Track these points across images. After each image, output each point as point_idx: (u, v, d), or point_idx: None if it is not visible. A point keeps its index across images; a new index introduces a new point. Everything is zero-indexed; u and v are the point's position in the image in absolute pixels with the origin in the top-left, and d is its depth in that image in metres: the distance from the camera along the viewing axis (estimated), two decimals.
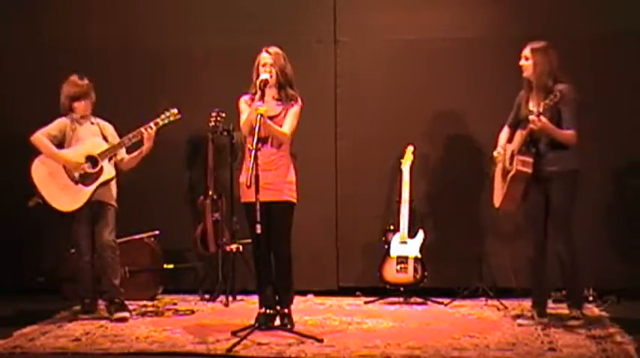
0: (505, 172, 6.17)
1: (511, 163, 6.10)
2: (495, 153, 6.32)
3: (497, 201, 6.30)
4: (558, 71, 6.02)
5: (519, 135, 6.10)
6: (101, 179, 6.48)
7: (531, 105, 6.06)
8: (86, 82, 6.59)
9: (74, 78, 6.59)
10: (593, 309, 6.67)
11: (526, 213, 6.22)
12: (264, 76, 5.84)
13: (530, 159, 6.02)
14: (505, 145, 6.25)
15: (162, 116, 6.56)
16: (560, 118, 5.95)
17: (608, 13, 7.19)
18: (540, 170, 6.02)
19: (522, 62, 6.11)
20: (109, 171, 6.51)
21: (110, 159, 6.56)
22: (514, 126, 6.24)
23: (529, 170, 6.01)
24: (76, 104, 6.56)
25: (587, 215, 6.82)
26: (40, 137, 6.48)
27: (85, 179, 6.47)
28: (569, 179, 6.02)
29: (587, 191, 6.45)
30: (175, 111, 6.58)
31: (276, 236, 5.92)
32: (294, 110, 5.93)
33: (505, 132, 6.34)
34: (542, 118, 5.85)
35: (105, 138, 6.59)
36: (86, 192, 6.46)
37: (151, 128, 6.49)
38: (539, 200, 6.10)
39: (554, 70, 6.01)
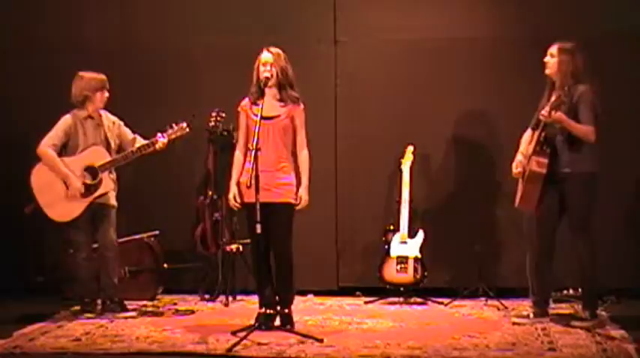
0: (524, 173, 6.15)
1: (528, 164, 6.09)
2: (514, 167, 6.22)
3: (517, 201, 6.27)
4: (582, 74, 6.00)
5: (534, 135, 6.09)
6: (99, 192, 6.47)
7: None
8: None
9: (88, 72, 6.58)
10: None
11: (537, 212, 6.16)
12: (266, 74, 5.84)
13: (544, 160, 5.98)
14: (526, 149, 6.20)
15: (170, 131, 6.54)
16: (577, 117, 5.93)
17: (608, 13, 7.19)
18: (555, 172, 5.99)
19: (547, 59, 6.08)
20: (107, 183, 6.50)
21: (110, 171, 6.55)
22: (536, 128, 6.18)
23: (543, 170, 5.98)
24: (98, 94, 6.53)
25: None
26: (47, 152, 6.43)
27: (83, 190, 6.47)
28: (584, 181, 5.99)
29: None
30: (184, 125, 6.56)
31: (278, 237, 5.91)
32: (301, 118, 5.93)
33: (527, 135, 6.28)
34: (553, 112, 5.82)
35: (108, 143, 6.58)
36: (82, 203, 6.46)
37: (156, 142, 6.50)
38: (553, 201, 6.08)
39: (578, 72, 5.99)
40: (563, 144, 6.01)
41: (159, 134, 6.54)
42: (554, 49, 6.08)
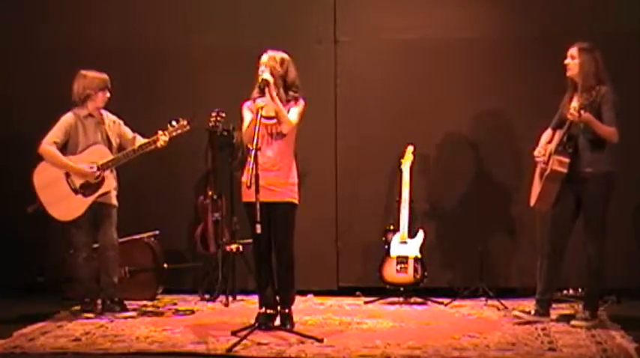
0: (542, 172, 6.15)
1: (548, 163, 6.08)
2: (535, 152, 6.24)
3: (532, 199, 6.27)
4: (603, 73, 6.00)
5: (558, 135, 6.09)
6: (102, 190, 6.48)
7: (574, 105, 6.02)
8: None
9: (90, 71, 6.58)
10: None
11: (552, 211, 6.16)
12: (265, 75, 5.83)
13: (566, 159, 5.99)
14: (545, 146, 6.21)
15: (171, 128, 6.53)
16: (601, 118, 5.93)
17: (608, 13, 7.19)
18: (575, 171, 5.99)
19: (568, 61, 6.07)
20: (110, 182, 6.51)
21: (112, 169, 6.56)
22: (557, 128, 6.18)
23: (565, 170, 5.99)
24: (100, 94, 6.53)
25: None
26: (49, 149, 6.43)
27: (85, 189, 6.47)
28: (603, 181, 6.00)
29: None
30: (185, 122, 6.55)
31: (279, 237, 5.91)
32: (297, 107, 5.90)
33: (547, 134, 6.28)
34: (582, 112, 5.81)
35: (109, 142, 6.58)
36: (85, 202, 6.46)
37: (157, 140, 6.48)
38: (569, 200, 6.09)
39: (600, 70, 5.99)
40: (586, 144, 6.00)
41: (160, 132, 6.54)
42: (574, 51, 6.05)
